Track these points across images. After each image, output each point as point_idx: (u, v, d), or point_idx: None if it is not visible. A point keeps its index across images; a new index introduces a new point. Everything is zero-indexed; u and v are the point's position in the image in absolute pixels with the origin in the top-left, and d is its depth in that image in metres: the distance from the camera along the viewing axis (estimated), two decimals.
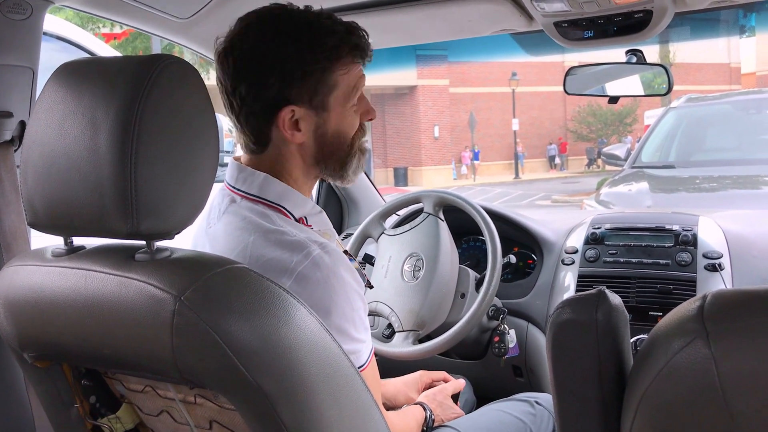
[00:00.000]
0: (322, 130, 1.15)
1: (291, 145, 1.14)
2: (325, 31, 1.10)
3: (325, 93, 1.12)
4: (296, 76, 1.09)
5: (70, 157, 0.84)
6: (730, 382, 0.64)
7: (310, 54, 1.09)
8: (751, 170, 4.96)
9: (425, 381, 1.58)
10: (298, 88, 1.10)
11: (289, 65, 1.08)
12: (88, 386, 1.07)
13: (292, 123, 1.12)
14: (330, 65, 1.11)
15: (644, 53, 1.68)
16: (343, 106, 1.15)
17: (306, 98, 1.11)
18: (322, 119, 1.14)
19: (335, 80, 1.12)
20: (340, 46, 1.11)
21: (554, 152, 30.25)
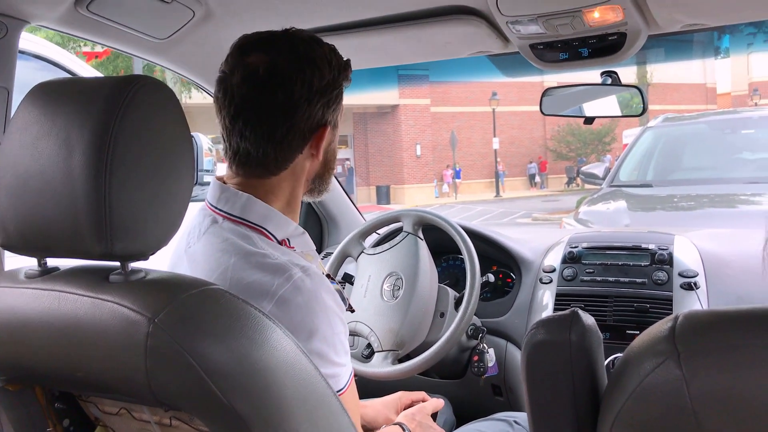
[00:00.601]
0: (332, 146, 1.20)
1: (307, 164, 1.17)
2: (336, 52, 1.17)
3: (340, 111, 1.18)
4: (333, 97, 1.14)
5: (44, 178, 0.83)
6: (702, 402, 0.64)
7: (339, 75, 1.15)
8: (727, 189, 5.01)
9: (404, 402, 1.57)
10: (332, 109, 1.15)
11: (329, 88, 1.13)
12: (61, 409, 1.06)
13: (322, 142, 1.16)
14: (345, 83, 1.18)
15: (622, 74, 1.70)
16: (338, 126, 1.20)
17: (334, 117, 1.17)
18: (333, 136, 1.19)
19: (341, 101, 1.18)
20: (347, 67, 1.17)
21: (534, 171, 30.50)
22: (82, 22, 1.45)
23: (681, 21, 1.46)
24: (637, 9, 1.40)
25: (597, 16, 1.41)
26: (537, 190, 29.95)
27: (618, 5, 1.37)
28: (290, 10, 1.52)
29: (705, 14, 1.43)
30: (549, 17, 1.43)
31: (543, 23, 1.45)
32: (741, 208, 4.76)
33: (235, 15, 1.52)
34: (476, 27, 1.53)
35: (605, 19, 1.42)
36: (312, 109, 1.11)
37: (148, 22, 1.53)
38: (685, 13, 1.41)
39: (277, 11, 1.52)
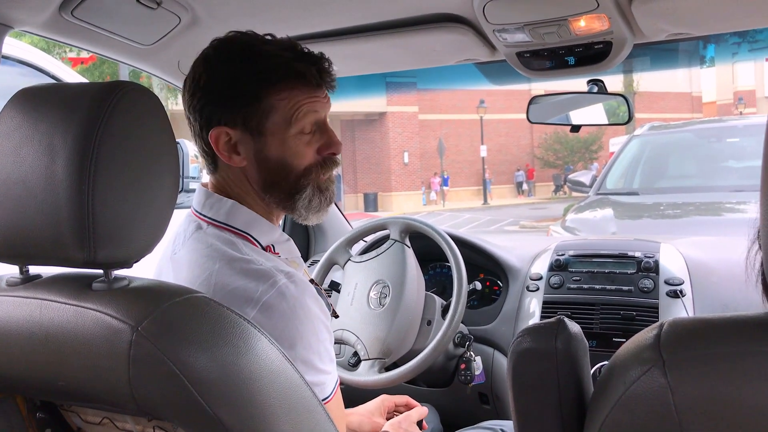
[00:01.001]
0: (262, 155, 1.12)
1: (234, 169, 1.14)
2: (260, 55, 1.10)
3: (261, 117, 1.10)
4: (225, 96, 1.09)
5: (26, 184, 0.83)
6: (686, 410, 0.64)
7: (243, 76, 1.09)
8: (713, 197, 5.05)
9: (387, 405, 1.56)
10: (228, 109, 1.10)
11: (220, 86, 1.10)
12: (42, 419, 1.04)
13: (230, 146, 1.12)
14: (263, 89, 1.09)
15: (609, 83, 1.71)
16: (284, 133, 1.12)
17: (240, 120, 1.10)
18: (261, 144, 1.12)
19: (272, 105, 1.10)
20: (272, 70, 1.09)
21: (522, 178, 30.64)
22: (67, 28, 1.44)
23: (666, 30, 1.47)
24: (623, 18, 1.41)
25: (583, 25, 1.42)
26: (524, 197, 30.08)
27: (604, 14, 1.38)
28: (277, 17, 1.52)
29: (690, 24, 1.44)
30: (535, 26, 1.43)
31: (529, 32, 1.46)
32: (727, 216, 4.79)
33: (221, 21, 1.51)
34: (463, 35, 1.54)
35: (591, 28, 1.43)
36: (196, 105, 1.11)
37: (133, 27, 1.52)
38: (670, 23, 1.42)
39: (263, 18, 1.52)
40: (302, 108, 1.11)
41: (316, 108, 1.13)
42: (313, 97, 1.13)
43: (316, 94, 1.13)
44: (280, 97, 1.10)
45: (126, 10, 1.43)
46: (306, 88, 1.12)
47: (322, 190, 1.17)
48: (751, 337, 0.64)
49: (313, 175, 1.15)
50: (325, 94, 1.16)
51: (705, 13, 1.38)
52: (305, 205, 1.16)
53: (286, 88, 1.10)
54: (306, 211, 1.17)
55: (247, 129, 1.11)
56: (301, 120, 1.12)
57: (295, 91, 1.11)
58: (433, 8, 1.48)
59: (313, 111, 1.13)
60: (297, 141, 1.13)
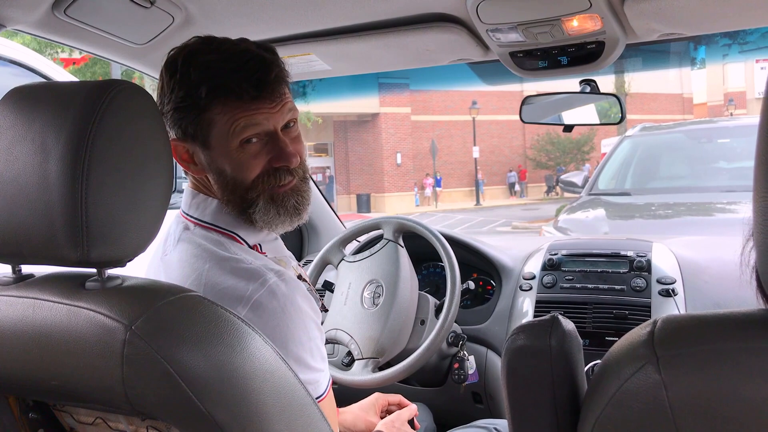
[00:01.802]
0: (215, 166, 1.11)
1: (195, 178, 1.15)
2: (198, 68, 1.06)
3: (205, 129, 1.08)
4: (174, 109, 1.08)
5: (19, 183, 0.82)
6: (680, 407, 0.64)
7: (182, 89, 1.07)
8: (704, 197, 5.07)
9: (381, 404, 1.57)
10: (178, 122, 1.09)
11: (168, 99, 1.09)
12: (35, 419, 1.04)
13: (189, 156, 1.12)
14: (200, 102, 1.06)
15: (600, 83, 1.72)
16: (226, 146, 1.08)
17: (189, 133, 1.09)
18: (210, 156, 1.10)
19: (211, 118, 1.07)
20: (203, 84, 1.06)
21: (514, 179, 30.68)
22: (60, 27, 1.44)
23: (658, 30, 1.48)
24: (615, 18, 1.41)
25: (576, 25, 1.43)
26: (517, 198, 30.12)
27: (596, 14, 1.38)
28: (269, 17, 1.52)
29: (681, 24, 1.45)
30: (528, 25, 1.44)
31: (522, 31, 1.46)
32: (718, 216, 4.82)
33: (215, 21, 1.51)
34: (457, 34, 1.54)
35: (584, 28, 1.44)
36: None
37: (126, 27, 1.51)
38: (662, 23, 1.43)
39: (255, 18, 1.52)
40: (239, 122, 1.07)
41: (257, 120, 1.08)
42: (251, 110, 1.08)
43: (254, 107, 1.08)
44: (216, 111, 1.07)
45: (119, 9, 1.43)
46: (240, 102, 1.07)
47: (277, 202, 1.13)
48: (745, 333, 0.64)
49: (261, 187, 1.11)
50: (275, 104, 1.10)
51: (697, 13, 1.39)
52: (261, 217, 1.12)
53: (220, 103, 1.06)
54: (265, 223, 1.13)
55: (196, 141, 1.10)
56: (240, 134, 1.08)
57: (228, 105, 1.07)
58: (427, 8, 1.48)
59: (253, 124, 1.08)
60: (240, 154, 1.09)
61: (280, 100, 1.10)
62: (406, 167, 27.80)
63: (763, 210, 0.61)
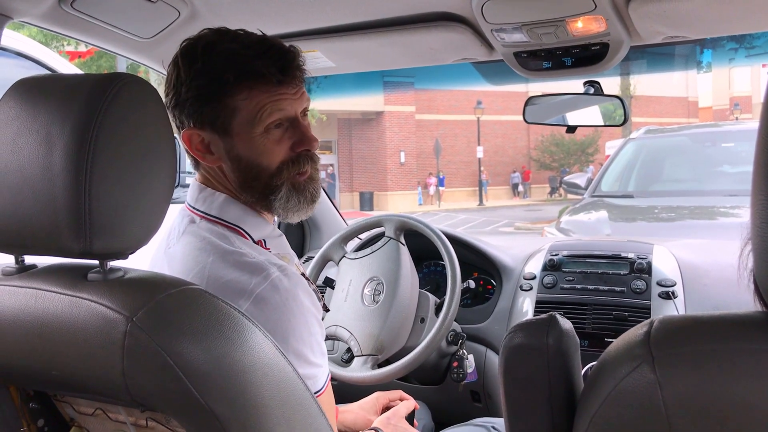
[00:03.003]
0: (233, 154, 1.11)
1: (212, 168, 1.15)
2: (219, 55, 1.08)
3: (227, 117, 1.09)
4: (192, 98, 1.09)
5: (23, 174, 0.83)
6: (675, 406, 0.65)
7: (204, 77, 1.08)
8: (707, 201, 5.06)
9: (382, 402, 1.57)
10: (195, 111, 1.09)
11: (186, 88, 1.09)
12: (35, 409, 1.04)
13: (204, 146, 1.12)
14: (223, 89, 1.08)
15: (605, 85, 1.72)
16: (249, 132, 1.09)
17: (207, 121, 1.10)
18: (230, 144, 1.11)
19: (235, 105, 1.08)
20: (228, 69, 1.07)
21: (518, 180, 30.67)
22: (66, 20, 1.44)
23: (662, 33, 1.48)
24: (620, 20, 1.41)
25: (580, 26, 1.43)
26: (520, 199, 30.11)
27: (601, 16, 1.38)
28: (275, 12, 1.52)
29: (686, 27, 1.45)
30: (533, 26, 1.44)
31: (527, 32, 1.46)
32: (721, 220, 4.81)
33: (220, 17, 1.52)
34: (461, 34, 1.54)
35: (588, 29, 1.44)
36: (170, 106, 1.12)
37: (132, 20, 1.52)
38: (666, 25, 1.43)
39: (262, 13, 1.52)
40: (265, 108, 1.09)
41: (282, 106, 1.10)
42: (276, 95, 1.10)
43: (280, 92, 1.10)
44: (241, 97, 1.08)
45: (125, 2, 1.43)
46: (267, 87, 1.09)
47: (298, 190, 1.14)
48: (741, 334, 0.64)
49: (285, 173, 1.13)
50: (296, 89, 1.12)
51: (701, 16, 1.39)
52: (283, 204, 1.14)
53: (246, 88, 1.08)
54: (284, 211, 1.14)
55: (215, 130, 1.10)
56: (266, 119, 1.09)
57: (255, 90, 1.08)
58: (432, 7, 1.48)
59: (278, 109, 1.10)
60: (265, 140, 1.10)
61: (300, 87, 1.13)
62: (409, 166, 27.80)
63: (761, 214, 0.61)
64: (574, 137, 28.23)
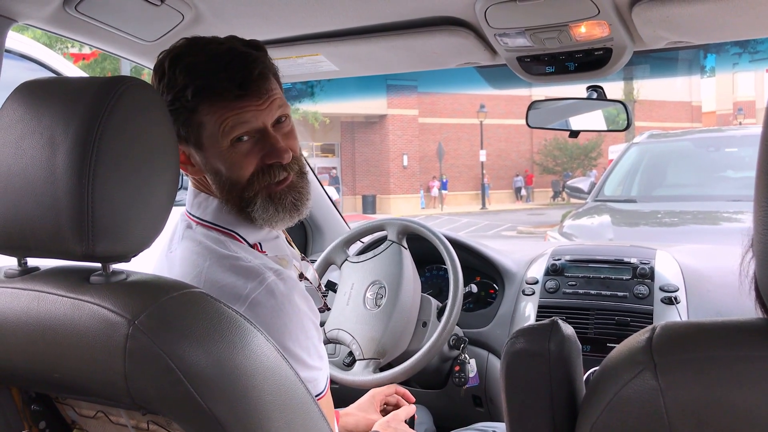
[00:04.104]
0: (209, 167, 1.11)
1: (195, 178, 1.16)
2: (184, 70, 1.07)
3: (196, 130, 1.08)
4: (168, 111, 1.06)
5: (27, 177, 0.83)
6: (677, 413, 0.65)
7: (168, 93, 1.07)
8: (710, 206, 5.06)
9: (379, 399, 1.57)
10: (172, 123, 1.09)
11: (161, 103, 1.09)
12: (37, 411, 1.04)
13: (185, 158, 1.12)
14: (188, 104, 1.06)
15: (608, 89, 1.72)
16: (217, 146, 1.08)
17: (182, 135, 1.09)
18: (204, 157, 1.10)
19: (200, 119, 1.07)
20: (186, 87, 1.06)
21: (520, 184, 30.66)
22: (71, 23, 1.45)
23: (666, 38, 1.48)
24: (623, 25, 1.41)
25: (583, 31, 1.43)
26: (523, 203, 30.10)
27: (604, 21, 1.38)
28: (279, 16, 1.53)
29: (689, 32, 1.45)
30: (536, 31, 1.44)
31: (530, 36, 1.46)
32: (724, 225, 4.80)
33: (224, 20, 1.52)
34: (464, 38, 1.54)
35: (591, 34, 1.44)
36: None
37: (136, 24, 1.52)
38: (669, 31, 1.43)
39: (266, 17, 1.53)
40: (227, 121, 1.07)
41: (245, 119, 1.08)
42: (237, 109, 1.07)
43: (240, 105, 1.07)
44: (204, 112, 1.07)
45: (130, 5, 1.44)
46: (225, 102, 1.07)
47: (275, 199, 1.12)
48: (743, 341, 0.64)
49: (257, 185, 1.11)
50: (262, 100, 1.09)
51: (705, 22, 1.39)
52: (260, 215, 1.12)
53: (206, 104, 1.06)
54: (264, 221, 1.12)
55: (189, 143, 1.10)
56: (229, 133, 1.07)
57: (215, 106, 1.06)
58: (435, 11, 1.48)
59: (241, 122, 1.07)
60: (232, 153, 1.09)
61: (267, 97, 1.10)
62: (412, 169, 27.81)
63: (763, 220, 0.61)
64: (577, 141, 28.20)
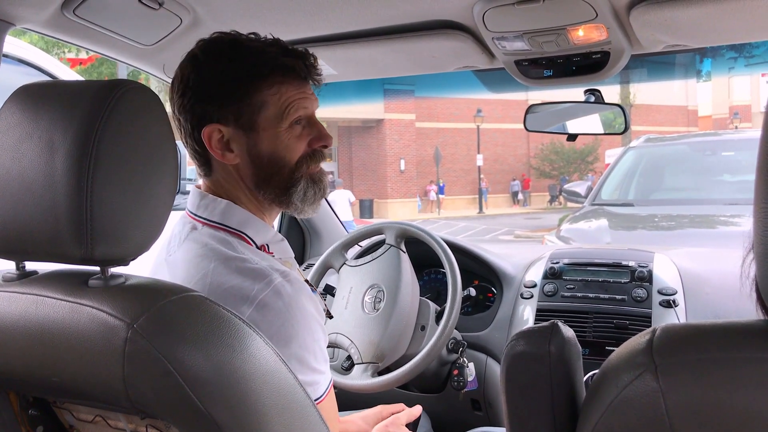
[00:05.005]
0: (255, 150, 1.13)
1: (227, 168, 1.15)
2: (248, 51, 1.12)
3: (253, 112, 1.11)
4: (217, 94, 1.10)
5: (25, 180, 0.83)
6: (678, 415, 0.65)
7: (232, 72, 1.10)
8: (707, 210, 5.06)
9: (385, 415, 1.56)
10: (219, 106, 1.10)
11: (210, 84, 1.10)
12: (35, 416, 1.04)
13: (223, 143, 1.12)
14: (253, 84, 1.11)
15: (605, 94, 1.73)
16: (276, 127, 1.13)
17: (231, 117, 1.11)
18: (253, 140, 1.13)
19: (263, 100, 1.11)
20: (261, 64, 1.11)
21: (517, 188, 30.70)
22: (69, 26, 1.45)
23: (663, 41, 1.49)
24: (621, 28, 1.42)
25: (581, 35, 1.43)
26: (520, 207, 30.13)
27: (602, 24, 1.39)
28: (277, 19, 1.53)
29: (687, 35, 1.46)
30: (534, 34, 1.44)
31: (528, 40, 1.47)
32: (721, 228, 4.81)
33: (222, 24, 1.52)
34: (462, 42, 1.55)
35: (589, 38, 1.44)
36: (185, 104, 1.11)
37: (134, 27, 1.52)
38: (667, 34, 1.44)
39: (263, 20, 1.53)
40: (292, 104, 1.13)
41: (305, 104, 1.15)
42: (302, 92, 1.15)
43: (304, 90, 1.15)
44: (271, 92, 1.11)
45: (128, 10, 1.44)
46: (295, 83, 1.14)
47: (315, 182, 1.19)
48: (744, 343, 0.64)
49: (305, 167, 1.16)
50: (312, 91, 1.18)
51: (702, 25, 1.39)
52: (301, 197, 1.17)
53: (276, 82, 1.12)
54: (302, 204, 1.18)
55: (239, 125, 1.12)
56: (292, 115, 1.13)
57: (285, 85, 1.12)
58: (433, 15, 1.49)
59: (302, 107, 1.14)
60: (289, 135, 1.14)
61: (316, 88, 1.20)
62: (409, 173, 27.81)
63: (764, 221, 0.61)
64: (573, 146, 28.25)
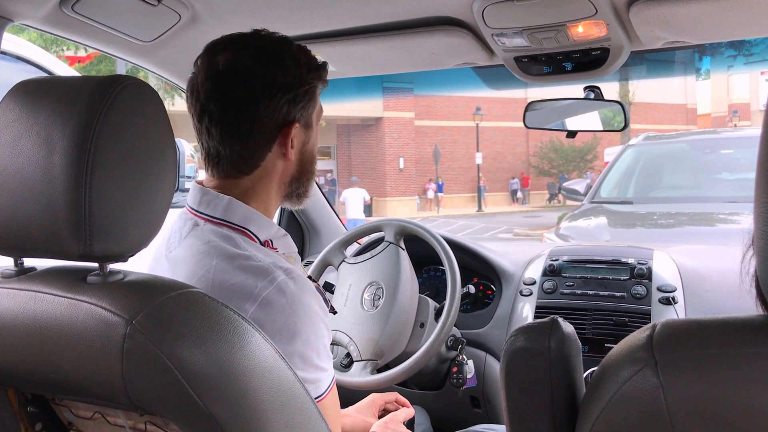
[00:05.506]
0: (305, 147, 1.19)
1: (279, 164, 1.15)
2: (303, 50, 1.16)
3: (312, 110, 1.17)
4: (299, 93, 1.13)
5: (23, 177, 0.82)
6: (678, 410, 0.64)
7: (309, 73, 1.14)
8: (706, 208, 5.07)
9: (379, 404, 1.56)
10: (300, 106, 1.14)
11: (295, 84, 1.12)
12: (33, 413, 1.04)
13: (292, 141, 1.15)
14: (317, 83, 1.16)
15: (605, 92, 1.72)
16: (318, 123, 1.19)
17: (303, 116, 1.15)
18: (307, 136, 1.18)
19: (317, 99, 1.17)
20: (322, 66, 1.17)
21: (516, 186, 30.70)
22: (67, 23, 1.44)
23: (663, 38, 1.48)
24: (621, 25, 1.42)
25: (581, 31, 1.43)
26: (519, 205, 30.13)
27: (602, 21, 1.39)
28: (276, 16, 1.52)
29: (686, 32, 1.46)
30: (534, 30, 1.44)
31: (528, 36, 1.47)
32: (719, 226, 4.81)
33: (221, 20, 1.52)
34: (462, 38, 1.54)
35: (589, 34, 1.44)
36: (275, 104, 1.10)
37: (133, 24, 1.52)
38: (667, 30, 1.44)
39: (263, 17, 1.52)
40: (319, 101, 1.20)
41: None
42: None
43: None
44: (317, 92, 1.18)
45: (126, 6, 1.43)
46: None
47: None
48: (744, 338, 0.64)
49: None
50: None
51: (702, 21, 1.39)
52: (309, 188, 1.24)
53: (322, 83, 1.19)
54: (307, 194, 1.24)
55: (303, 123, 1.16)
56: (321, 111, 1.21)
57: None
58: (432, 11, 1.48)
59: None
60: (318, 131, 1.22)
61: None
62: (408, 172, 27.82)
63: (764, 216, 0.61)
64: (572, 144, 28.31)
